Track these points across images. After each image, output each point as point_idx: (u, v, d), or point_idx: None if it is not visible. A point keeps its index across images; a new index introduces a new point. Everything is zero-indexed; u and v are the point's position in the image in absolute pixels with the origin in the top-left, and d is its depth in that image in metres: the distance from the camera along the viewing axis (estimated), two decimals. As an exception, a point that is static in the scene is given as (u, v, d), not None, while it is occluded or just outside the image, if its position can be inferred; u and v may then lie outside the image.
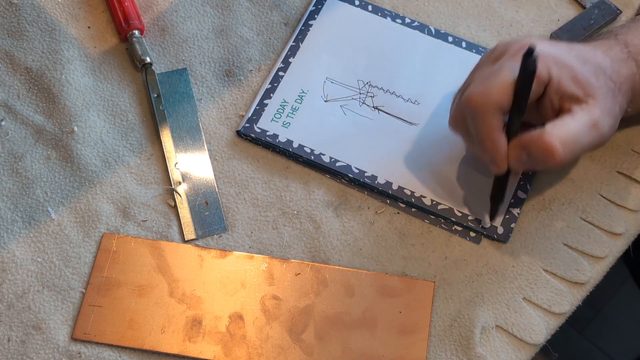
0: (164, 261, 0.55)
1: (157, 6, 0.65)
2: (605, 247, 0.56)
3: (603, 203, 0.58)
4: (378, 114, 0.61)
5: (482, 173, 0.58)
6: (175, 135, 0.60)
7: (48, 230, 0.56)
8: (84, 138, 0.60)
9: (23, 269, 0.55)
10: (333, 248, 0.56)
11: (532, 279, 0.55)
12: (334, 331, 0.53)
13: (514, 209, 0.57)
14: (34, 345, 0.53)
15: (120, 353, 0.53)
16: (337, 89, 0.62)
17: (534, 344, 0.54)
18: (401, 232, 0.57)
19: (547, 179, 0.59)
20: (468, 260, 0.56)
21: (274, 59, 0.64)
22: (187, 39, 0.64)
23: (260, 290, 0.54)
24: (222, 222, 0.57)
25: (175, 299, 0.54)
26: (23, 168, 0.58)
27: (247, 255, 0.56)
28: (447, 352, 0.53)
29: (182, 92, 0.62)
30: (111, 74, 0.63)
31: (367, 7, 0.65)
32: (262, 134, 0.59)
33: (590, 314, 1.24)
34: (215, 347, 0.52)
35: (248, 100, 0.62)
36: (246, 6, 0.65)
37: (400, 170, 0.58)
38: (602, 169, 0.59)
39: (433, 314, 0.54)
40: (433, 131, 0.60)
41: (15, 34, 0.63)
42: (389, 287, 0.54)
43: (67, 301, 0.54)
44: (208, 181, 0.59)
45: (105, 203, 0.57)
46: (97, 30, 0.64)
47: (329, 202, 0.58)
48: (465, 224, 0.56)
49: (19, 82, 0.62)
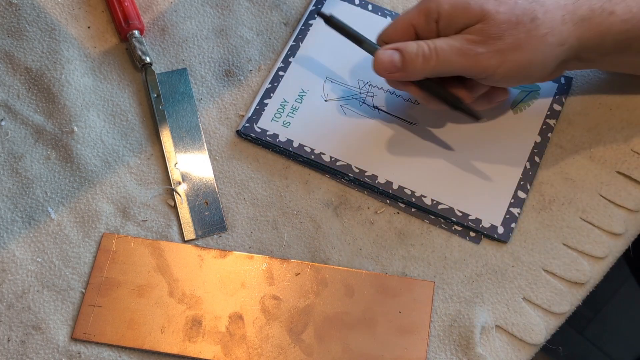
0: (163, 261, 0.55)
1: (157, 6, 0.65)
2: (605, 247, 0.56)
3: (603, 203, 0.58)
4: (378, 113, 0.61)
5: (483, 172, 0.58)
6: (175, 135, 0.60)
7: (48, 230, 0.56)
8: (83, 138, 0.60)
9: (23, 269, 0.55)
10: (333, 248, 0.56)
11: (532, 279, 0.55)
12: (334, 331, 0.53)
13: (514, 209, 0.57)
14: (34, 345, 0.53)
15: (120, 353, 0.53)
16: (337, 89, 0.62)
17: (534, 344, 0.54)
18: (401, 232, 0.57)
19: (547, 179, 0.59)
20: (468, 260, 0.56)
21: (274, 58, 0.64)
22: (187, 39, 0.64)
23: (260, 290, 0.54)
24: (222, 222, 0.57)
25: (175, 299, 0.54)
26: (23, 168, 0.58)
27: (247, 255, 0.56)
28: (447, 352, 0.53)
29: (182, 92, 0.62)
30: (111, 74, 0.63)
31: (367, 7, 0.65)
32: (262, 134, 0.59)
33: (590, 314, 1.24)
34: (215, 347, 0.52)
35: (248, 100, 0.62)
36: (246, 6, 0.65)
37: (400, 170, 0.58)
38: (602, 169, 0.59)
39: (433, 314, 0.54)
40: (433, 131, 0.60)
41: (15, 34, 0.63)
42: (389, 287, 0.54)
43: (67, 301, 0.54)
44: (208, 181, 0.59)
45: (105, 203, 0.57)
46: (97, 30, 0.64)
47: (329, 202, 0.58)
48: (465, 224, 0.56)
49: (19, 82, 0.62)
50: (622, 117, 0.61)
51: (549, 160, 0.59)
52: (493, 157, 0.59)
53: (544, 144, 0.59)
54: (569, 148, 0.60)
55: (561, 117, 0.61)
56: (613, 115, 0.61)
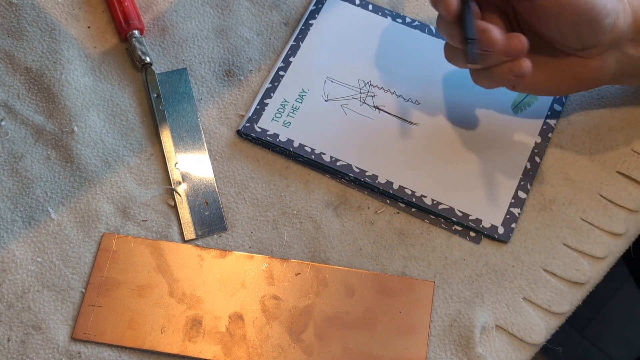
0: (163, 261, 0.55)
1: (157, 6, 0.65)
2: (605, 247, 0.56)
3: (603, 203, 0.58)
4: (378, 113, 0.61)
5: (482, 173, 0.58)
6: (175, 135, 0.60)
7: (48, 230, 0.56)
8: (83, 138, 0.60)
9: (23, 269, 0.55)
10: (333, 248, 0.56)
11: (532, 279, 0.55)
12: (334, 331, 0.53)
13: (514, 209, 0.57)
14: (34, 345, 0.53)
15: (120, 353, 0.53)
16: (337, 89, 0.62)
17: (534, 344, 0.54)
18: (401, 232, 0.57)
19: (547, 179, 0.59)
20: (468, 260, 0.56)
21: (274, 58, 0.64)
22: (187, 39, 0.64)
23: (260, 290, 0.54)
24: (222, 222, 0.57)
25: (175, 299, 0.54)
26: (23, 168, 0.58)
27: (247, 255, 0.56)
28: (447, 352, 0.53)
29: (182, 92, 0.62)
30: (111, 74, 0.63)
31: (367, 7, 0.65)
32: (263, 134, 0.59)
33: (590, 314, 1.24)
34: (215, 347, 0.52)
35: (248, 100, 0.62)
36: (246, 6, 0.65)
37: (400, 170, 0.58)
38: (602, 169, 0.59)
39: (433, 314, 0.54)
40: (433, 131, 0.60)
41: (15, 34, 0.63)
42: (389, 287, 0.54)
43: (67, 301, 0.54)
44: (208, 181, 0.59)
45: (105, 203, 0.57)
46: (97, 30, 0.64)
47: (329, 202, 0.58)
48: (465, 224, 0.56)
49: (19, 82, 0.62)
50: (622, 117, 0.61)
51: (549, 160, 0.59)
52: (493, 157, 0.59)
53: (544, 144, 0.59)
54: (569, 148, 0.60)
55: (561, 117, 0.61)
56: (613, 115, 0.61)
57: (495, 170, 0.58)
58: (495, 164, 0.58)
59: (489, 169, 0.58)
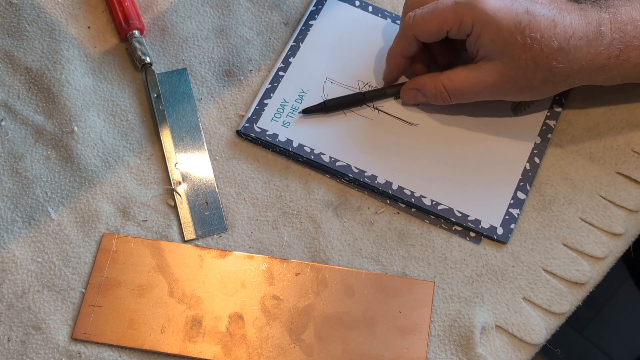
0: (164, 261, 0.55)
1: (157, 6, 0.65)
2: (605, 248, 0.56)
3: (603, 203, 0.58)
4: (378, 114, 0.61)
5: (482, 174, 0.58)
6: (175, 135, 0.60)
7: (48, 230, 0.56)
8: (84, 138, 0.60)
9: (23, 269, 0.55)
10: (333, 248, 0.56)
11: (532, 279, 0.55)
12: (334, 331, 0.53)
13: (513, 209, 0.57)
14: (34, 345, 0.53)
15: (120, 353, 0.53)
16: (337, 89, 0.62)
17: (534, 344, 0.54)
18: (401, 232, 0.57)
19: (547, 179, 0.59)
20: (468, 260, 0.56)
21: (274, 59, 0.64)
22: (187, 39, 0.64)
23: (260, 290, 0.54)
24: (222, 222, 0.57)
25: (175, 299, 0.54)
26: (23, 168, 0.58)
27: (247, 255, 0.56)
28: (447, 352, 0.53)
29: (182, 92, 0.62)
30: (111, 74, 0.63)
31: (367, 8, 0.65)
32: (262, 134, 0.59)
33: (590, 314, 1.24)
34: (215, 347, 0.52)
35: (248, 100, 0.62)
36: (246, 6, 0.65)
37: (400, 170, 0.58)
38: (602, 169, 0.59)
39: (433, 314, 0.54)
40: (433, 131, 0.60)
41: (15, 34, 0.63)
42: (389, 287, 0.54)
43: (67, 301, 0.54)
44: (208, 181, 0.59)
45: (105, 203, 0.57)
46: (97, 30, 0.64)
47: (329, 202, 0.58)
48: (465, 224, 0.56)
49: (19, 82, 0.62)
50: (622, 117, 0.61)
51: (549, 160, 0.59)
52: (493, 158, 0.59)
53: (544, 145, 0.59)
54: (569, 148, 0.60)
55: (561, 118, 0.61)
56: (613, 115, 0.61)
57: (495, 171, 0.58)
58: (495, 164, 0.58)
59: (488, 170, 0.58)
